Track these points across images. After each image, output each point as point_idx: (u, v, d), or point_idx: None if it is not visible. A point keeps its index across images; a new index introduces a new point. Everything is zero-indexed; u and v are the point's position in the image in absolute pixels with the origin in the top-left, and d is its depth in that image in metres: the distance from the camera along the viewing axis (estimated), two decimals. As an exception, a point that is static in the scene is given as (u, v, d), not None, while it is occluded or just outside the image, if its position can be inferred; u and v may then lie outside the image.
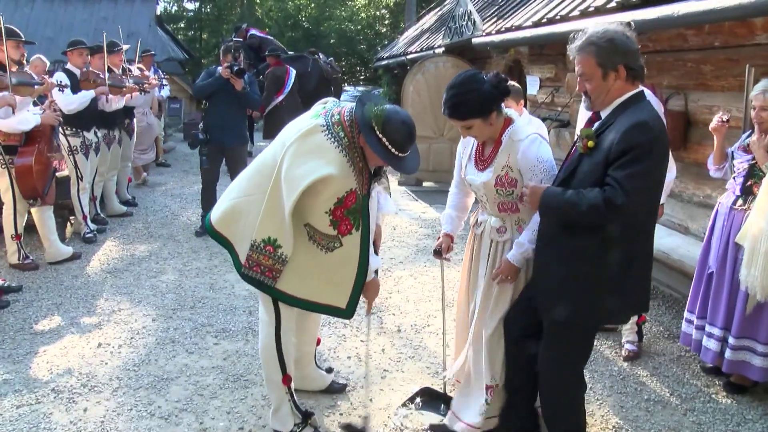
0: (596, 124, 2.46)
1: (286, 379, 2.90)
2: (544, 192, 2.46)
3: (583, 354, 2.68)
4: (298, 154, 2.62)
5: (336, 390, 3.42)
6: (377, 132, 2.60)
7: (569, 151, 2.61)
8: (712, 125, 3.65)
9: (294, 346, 3.20)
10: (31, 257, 5.35)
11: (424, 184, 9.51)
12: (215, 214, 2.89)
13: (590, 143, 2.38)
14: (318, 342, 3.45)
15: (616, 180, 2.25)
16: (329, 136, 2.64)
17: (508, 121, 2.77)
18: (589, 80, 2.41)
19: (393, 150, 2.62)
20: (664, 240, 4.88)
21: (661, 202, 3.71)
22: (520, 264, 2.75)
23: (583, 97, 2.49)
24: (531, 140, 2.70)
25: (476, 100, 2.63)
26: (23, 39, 5.06)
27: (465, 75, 2.69)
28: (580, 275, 2.42)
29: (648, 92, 3.65)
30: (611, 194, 2.24)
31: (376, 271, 3.01)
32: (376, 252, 3.13)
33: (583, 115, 4.02)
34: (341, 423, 3.10)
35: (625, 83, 2.39)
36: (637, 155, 2.23)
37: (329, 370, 3.52)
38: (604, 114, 2.45)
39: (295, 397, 2.96)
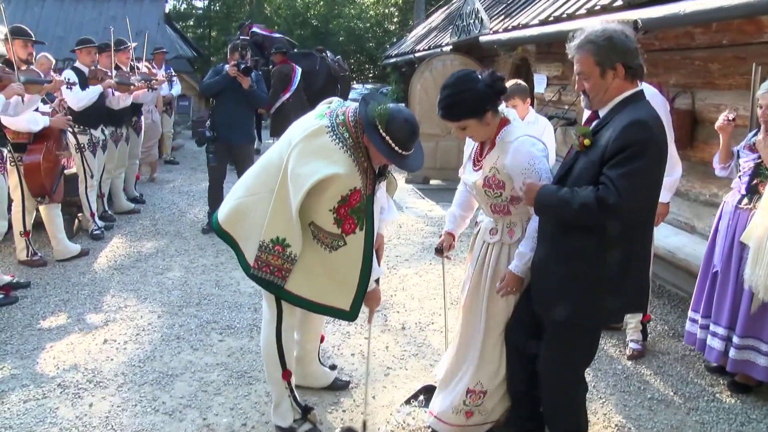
0: (594, 123, 2.44)
1: (286, 375, 2.93)
2: (540, 190, 2.45)
3: (584, 355, 2.66)
4: (304, 154, 2.64)
5: (339, 387, 3.43)
6: (381, 131, 2.62)
7: (569, 149, 2.60)
8: (717, 124, 3.63)
9: (297, 343, 3.22)
10: (39, 254, 5.40)
11: (431, 182, 9.50)
12: (222, 213, 2.91)
13: (586, 141, 2.37)
14: (322, 339, 3.47)
15: (610, 179, 2.22)
16: (334, 137, 2.66)
17: (504, 122, 2.73)
18: (587, 79, 2.40)
19: (396, 148, 2.63)
20: (670, 239, 4.87)
21: (667, 200, 3.72)
22: (524, 274, 2.71)
23: (582, 95, 2.48)
24: (521, 142, 2.64)
25: (470, 99, 2.60)
26: (32, 38, 5.10)
27: (458, 74, 2.67)
28: (579, 275, 2.41)
29: (654, 90, 3.66)
30: (604, 193, 2.22)
31: (377, 281, 3.01)
32: (378, 262, 3.13)
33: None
34: (343, 427, 3.10)
35: (623, 82, 2.37)
36: (633, 154, 2.21)
37: (333, 367, 3.54)
38: (602, 113, 2.43)
39: (295, 392, 2.99)
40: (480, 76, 2.64)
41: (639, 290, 2.49)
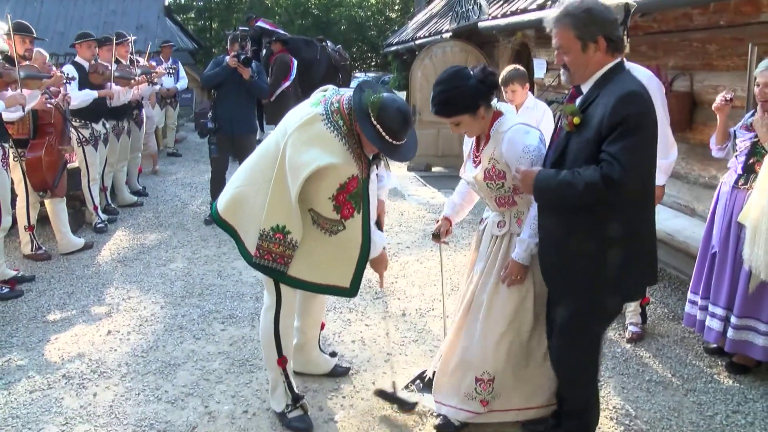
0: (579, 100, 2.39)
1: (281, 361, 2.98)
2: (538, 175, 2.40)
3: (595, 346, 2.63)
4: (300, 142, 2.67)
5: (339, 373, 3.47)
6: (372, 119, 2.63)
7: (554, 130, 2.56)
8: (715, 104, 3.63)
9: (298, 330, 3.27)
10: (43, 248, 5.46)
11: (434, 169, 9.51)
12: (221, 202, 2.96)
13: (576, 120, 2.30)
14: (322, 327, 3.51)
15: (611, 154, 2.17)
16: (329, 125, 2.68)
17: (497, 115, 2.74)
18: (567, 53, 2.34)
19: (387, 137, 2.64)
20: (670, 222, 4.87)
21: (662, 183, 3.71)
22: (527, 261, 2.70)
23: (562, 70, 2.42)
24: (515, 130, 2.66)
25: (462, 96, 2.62)
26: (32, 35, 5.11)
27: (450, 71, 2.68)
28: (579, 270, 2.38)
29: (649, 73, 3.65)
30: (608, 170, 2.16)
31: (384, 247, 3.05)
32: (381, 229, 3.17)
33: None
34: (376, 389, 3.21)
35: (605, 55, 2.31)
36: (631, 127, 2.16)
37: (333, 354, 3.58)
38: (585, 88, 2.38)
39: (290, 378, 3.03)
40: (472, 72, 2.64)
41: (644, 270, 2.46)
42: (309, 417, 3.03)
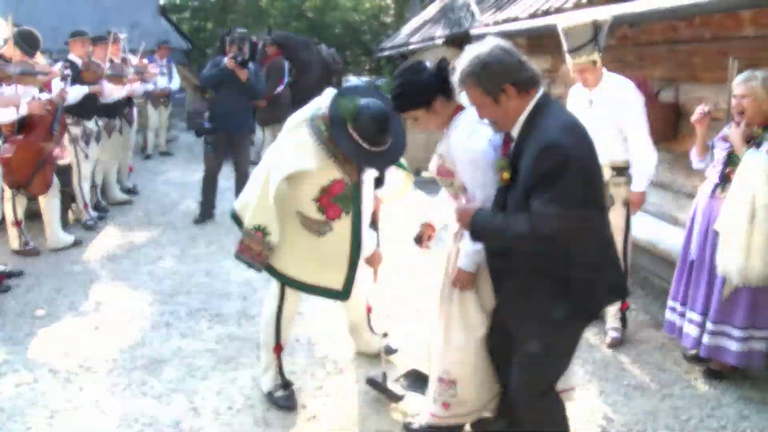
0: (512, 149, 2.34)
1: (277, 349, 3.11)
2: (475, 215, 2.33)
3: (554, 372, 2.54)
4: (284, 146, 2.78)
5: (389, 352, 3.61)
6: (349, 128, 2.66)
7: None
8: (693, 118, 3.71)
9: (346, 317, 3.48)
10: (32, 243, 5.46)
11: (423, 173, 9.55)
12: (238, 198, 3.12)
13: (505, 175, 2.29)
14: (369, 309, 3.60)
15: (537, 208, 2.13)
16: (311, 129, 2.76)
17: (458, 109, 2.61)
18: (482, 108, 2.31)
19: (365, 145, 2.67)
20: (653, 230, 4.95)
21: (642, 189, 3.82)
22: (471, 268, 2.62)
23: (487, 121, 2.38)
24: (459, 129, 2.54)
25: (414, 91, 2.53)
26: (34, 51, 5.11)
27: (404, 65, 2.62)
28: (539, 297, 2.31)
29: (629, 83, 3.75)
30: (535, 221, 2.13)
31: (378, 244, 3.14)
32: (376, 226, 3.22)
33: (573, 98, 4.09)
34: (367, 377, 3.33)
35: (520, 100, 2.26)
36: (552, 180, 2.11)
37: (385, 335, 3.65)
38: (514, 134, 2.33)
39: (282, 365, 3.19)
40: (426, 66, 2.57)
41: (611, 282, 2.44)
42: (295, 398, 3.17)
